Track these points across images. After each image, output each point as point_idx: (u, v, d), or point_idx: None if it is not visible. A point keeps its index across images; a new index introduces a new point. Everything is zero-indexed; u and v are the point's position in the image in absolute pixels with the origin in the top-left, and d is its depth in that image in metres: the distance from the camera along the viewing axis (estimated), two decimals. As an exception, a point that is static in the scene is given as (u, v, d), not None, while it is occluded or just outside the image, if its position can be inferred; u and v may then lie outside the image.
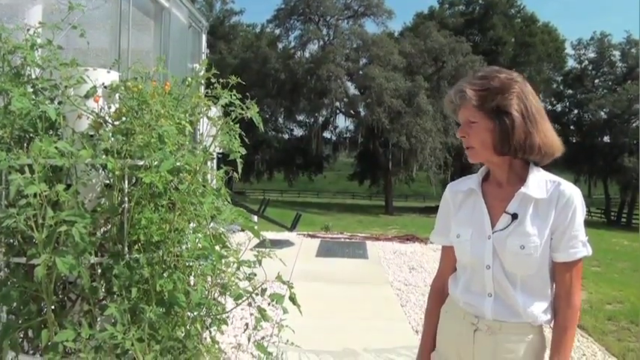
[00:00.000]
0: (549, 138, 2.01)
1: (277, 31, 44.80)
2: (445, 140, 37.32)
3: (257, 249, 2.31)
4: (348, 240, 14.42)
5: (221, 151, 2.57)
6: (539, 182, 1.99)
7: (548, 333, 2.03)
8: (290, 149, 47.05)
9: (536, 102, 2.04)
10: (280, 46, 44.36)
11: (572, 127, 47.72)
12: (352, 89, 42.86)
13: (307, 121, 45.00)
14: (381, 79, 36.50)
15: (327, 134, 46.34)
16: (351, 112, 42.23)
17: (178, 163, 2.15)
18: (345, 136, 46.64)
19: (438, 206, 2.27)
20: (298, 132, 48.09)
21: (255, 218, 12.48)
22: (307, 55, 42.80)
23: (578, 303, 1.98)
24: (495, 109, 1.97)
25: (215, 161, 3.23)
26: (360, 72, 39.73)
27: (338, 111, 43.02)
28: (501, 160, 2.01)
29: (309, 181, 54.34)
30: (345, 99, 41.42)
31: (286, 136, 48.61)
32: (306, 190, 58.10)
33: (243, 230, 2.42)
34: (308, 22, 42.79)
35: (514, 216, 1.98)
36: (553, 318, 2.00)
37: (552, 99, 48.65)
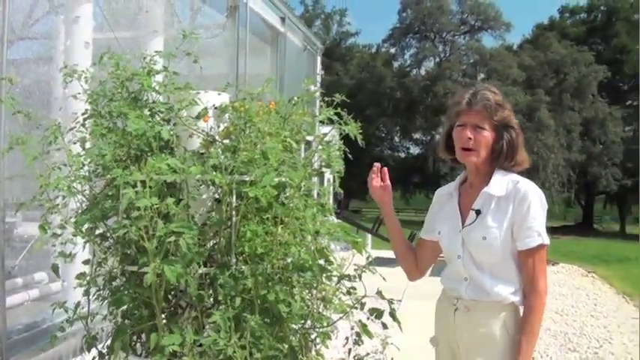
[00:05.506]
0: (524, 151, 2.36)
1: (393, 50, 44.72)
2: (568, 156, 35.58)
3: (367, 266, 2.39)
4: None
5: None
6: (501, 182, 2.29)
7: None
8: (406, 168, 46.66)
9: None
10: (396, 64, 44.22)
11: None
12: (470, 105, 41.98)
13: (424, 139, 44.51)
14: (499, 94, 35.51)
15: (444, 152, 45.49)
16: (469, 128, 41.35)
17: (280, 179, 2.24)
18: (462, 153, 45.62)
19: (562, 226, 2.47)
20: (415, 150, 47.62)
21: (370, 236, 12.47)
22: (423, 72, 42.41)
23: (543, 287, 2.22)
24: (501, 121, 2.29)
25: (326, 178, 3.31)
26: (478, 87, 38.83)
27: (455, 128, 42.22)
28: (483, 166, 2.33)
29: (426, 200, 53.71)
30: (462, 116, 40.64)
31: (402, 155, 48.29)
32: (423, 208, 57.41)
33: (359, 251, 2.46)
34: (424, 39, 42.43)
35: (477, 212, 2.30)
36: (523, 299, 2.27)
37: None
